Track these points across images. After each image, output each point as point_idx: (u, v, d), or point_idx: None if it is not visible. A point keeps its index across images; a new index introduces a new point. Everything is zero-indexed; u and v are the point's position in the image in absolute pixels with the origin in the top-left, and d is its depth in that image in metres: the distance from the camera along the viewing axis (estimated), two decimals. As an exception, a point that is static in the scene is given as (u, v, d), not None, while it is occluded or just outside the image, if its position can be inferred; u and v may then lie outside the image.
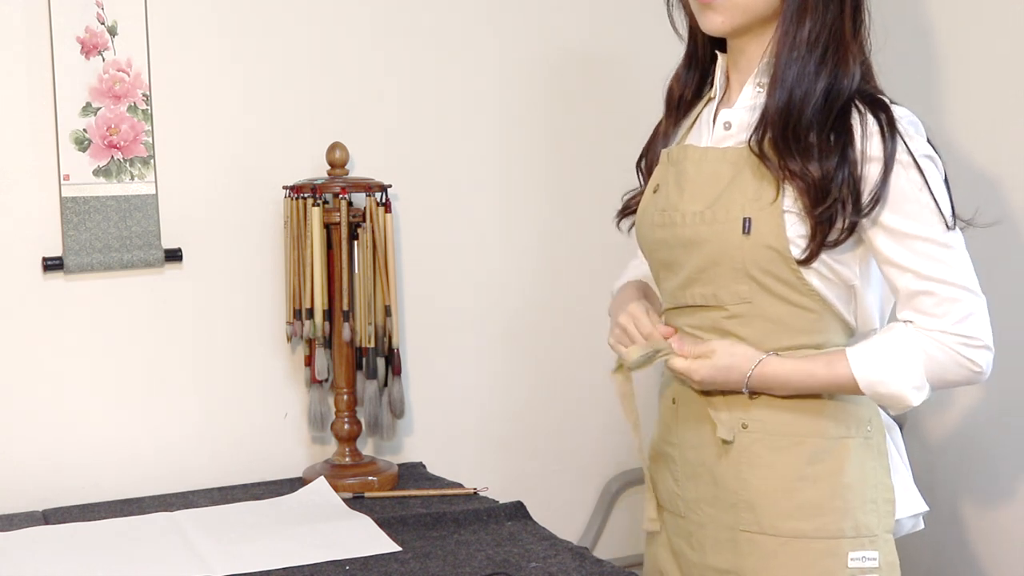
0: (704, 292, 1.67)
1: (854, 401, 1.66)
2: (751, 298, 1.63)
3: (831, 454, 1.64)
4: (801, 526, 1.63)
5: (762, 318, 1.64)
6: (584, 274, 2.42)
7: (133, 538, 1.82)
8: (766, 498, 1.65)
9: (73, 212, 2.05)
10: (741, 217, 1.61)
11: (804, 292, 1.62)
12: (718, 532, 1.70)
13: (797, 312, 1.63)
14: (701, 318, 1.69)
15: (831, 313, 1.64)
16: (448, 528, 1.86)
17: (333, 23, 2.22)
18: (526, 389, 2.42)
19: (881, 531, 1.65)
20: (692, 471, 1.73)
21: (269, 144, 2.18)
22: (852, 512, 1.63)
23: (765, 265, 1.61)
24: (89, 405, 2.09)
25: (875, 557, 1.64)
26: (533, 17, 2.37)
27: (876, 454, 1.67)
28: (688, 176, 1.69)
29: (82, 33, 2.03)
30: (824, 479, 1.64)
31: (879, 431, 1.68)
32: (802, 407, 1.65)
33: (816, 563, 1.63)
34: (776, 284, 1.62)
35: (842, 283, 1.63)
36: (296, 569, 1.68)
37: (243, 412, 2.19)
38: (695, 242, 1.66)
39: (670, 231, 1.69)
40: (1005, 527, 2.17)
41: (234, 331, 2.18)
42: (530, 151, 2.38)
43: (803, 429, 1.65)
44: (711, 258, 1.64)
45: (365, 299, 2.11)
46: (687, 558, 1.75)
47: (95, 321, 2.09)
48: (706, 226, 1.64)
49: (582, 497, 2.46)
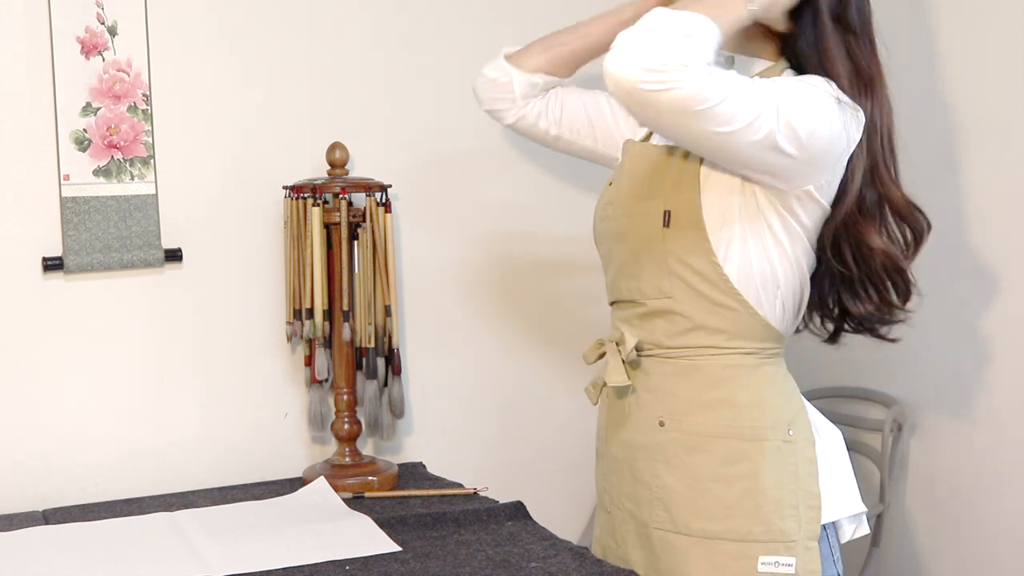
0: (630, 286, 1.69)
1: (773, 403, 1.65)
2: (672, 293, 1.64)
3: (747, 456, 1.63)
4: (711, 527, 1.63)
5: (682, 316, 1.65)
6: (584, 274, 2.42)
7: (133, 538, 1.82)
8: (680, 497, 1.65)
9: (73, 212, 2.05)
10: (662, 210, 1.62)
11: (724, 289, 1.62)
12: (637, 528, 1.72)
13: (717, 311, 1.63)
14: (629, 312, 1.71)
15: (751, 315, 1.64)
16: (448, 528, 1.86)
17: (333, 23, 2.22)
18: (526, 389, 2.42)
19: (802, 538, 1.63)
20: (616, 467, 1.75)
21: (269, 144, 2.18)
22: (766, 516, 1.62)
23: (684, 257, 1.62)
24: (89, 405, 2.09)
25: (791, 564, 1.62)
26: (534, 17, 2.36)
27: (800, 459, 1.65)
28: (625, 171, 1.73)
29: (82, 33, 2.03)
30: (738, 481, 1.63)
31: (804, 436, 1.66)
32: (718, 407, 1.65)
33: (726, 565, 1.63)
34: (696, 279, 1.62)
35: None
36: (296, 569, 1.68)
37: (243, 412, 2.19)
38: (622, 235, 1.69)
39: (607, 224, 1.74)
40: (1005, 526, 2.17)
41: (234, 331, 2.18)
42: (530, 151, 2.38)
43: (719, 430, 1.64)
44: (634, 251, 1.67)
45: (365, 299, 2.11)
46: (613, 552, 1.77)
47: (95, 321, 2.09)
48: (629, 219, 1.67)
49: (582, 497, 2.46)
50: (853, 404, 2.45)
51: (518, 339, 2.41)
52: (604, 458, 1.80)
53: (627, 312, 1.72)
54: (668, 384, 1.68)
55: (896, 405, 2.33)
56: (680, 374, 1.67)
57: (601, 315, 1.95)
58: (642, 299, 1.68)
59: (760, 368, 1.66)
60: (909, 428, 2.35)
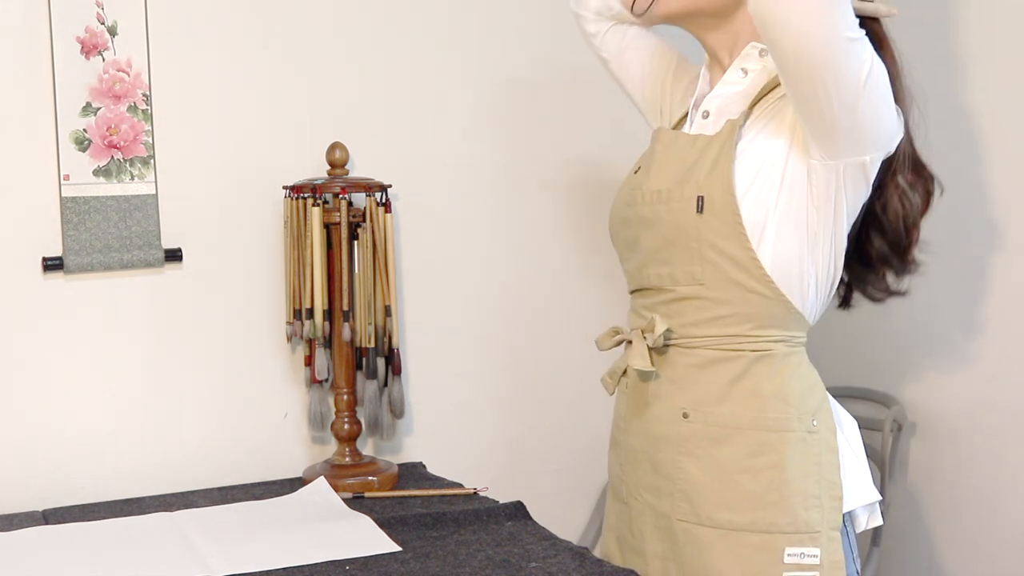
0: (660, 272, 1.68)
1: (798, 394, 1.65)
2: (704, 279, 1.64)
3: (772, 447, 1.63)
4: (736, 519, 1.63)
5: (713, 302, 1.64)
6: (585, 274, 2.42)
7: (133, 538, 1.82)
8: (704, 489, 1.65)
9: (73, 212, 2.05)
10: (696, 196, 1.62)
11: (757, 276, 1.61)
12: (656, 520, 1.71)
13: (748, 297, 1.62)
14: (655, 300, 1.70)
15: (782, 302, 1.63)
16: (448, 528, 1.86)
17: (333, 23, 2.22)
18: (526, 389, 2.42)
19: (826, 528, 1.62)
20: (634, 457, 1.74)
21: (269, 144, 2.18)
22: (791, 507, 1.61)
23: (717, 243, 1.61)
24: (89, 405, 2.09)
25: (816, 554, 1.61)
26: (535, 18, 2.37)
27: (823, 450, 1.64)
28: (656, 158, 1.71)
29: (82, 33, 2.03)
30: (763, 472, 1.62)
31: (827, 426, 1.66)
32: (744, 398, 1.64)
33: (751, 557, 1.62)
34: (729, 265, 1.62)
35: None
36: (296, 569, 1.67)
37: (243, 412, 2.19)
38: (652, 221, 1.67)
39: (633, 210, 1.72)
40: (1005, 526, 2.17)
41: (234, 331, 2.18)
42: (531, 151, 2.38)
43: (744, 421, 1.64)
44: (666, 238, 1.65)
45: (365, 299, 2.11)
46: (628, 544, 1.76)
47: (95, 321, 2.09)
48: (663, 205, 1.66)
49: (582, 497, 2.46)
50: (853, 404, 2.45)
51: (518, 339, 2.41)
52: (620, 447, 1.78)
53: (653, 299, 1.70)
54: (692, 374, 1.67)
55: (896, 405, 2.33)
56: (705, 364, 1.66)
57: (602, 314, 1.95)
58: (672, 286, 1.67)
59: (787, 357, 1.66)
60: (909, 428, 2.35)
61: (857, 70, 1.50)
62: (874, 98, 1.53)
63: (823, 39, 1.48)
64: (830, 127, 1.55)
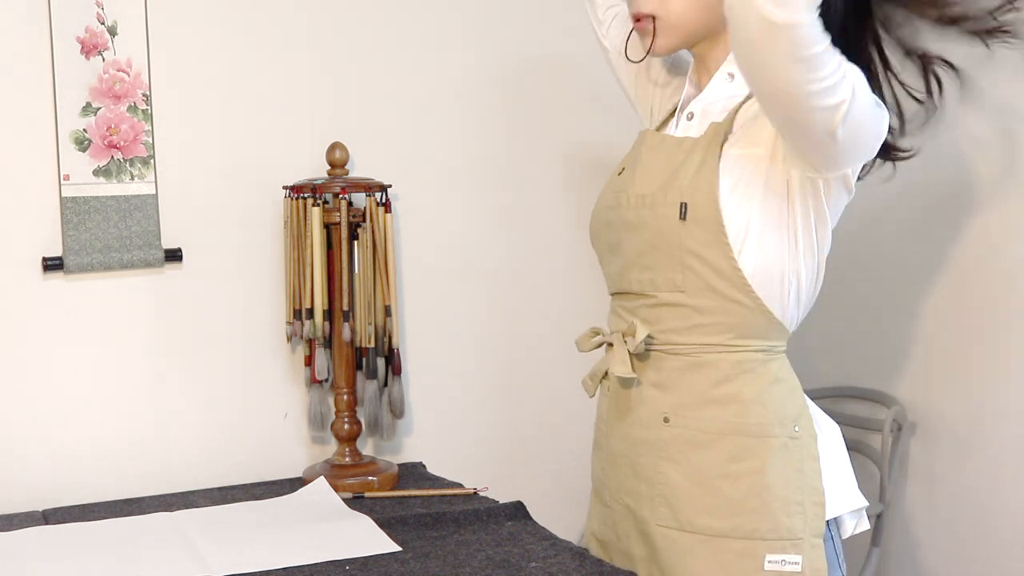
0: (641, 278, 1.68)
1: (777, 400, 1.64)
2: (685, 287, 1.63)
3: (753, 452, 1.62)
4: (716, 524, 1.62)
5: (694, 310, 1.63)
6: (585, 274, 2.42)
7: (133, 538, 1.82)
8: (684, 494, 1.64)
9: (73, 212, 2.05)
10: (679, 202, 1.61)
11: (738, 285, 1.61)
12: (636, 524, 1.71)
13: (729, 307, 1.62)
14: (636, 304, 1.70)
15: (763, 312, 1.63)
16: (448, 528, 1.86)
17: (333, 23, 2.22)
18: (526, 389, 2.42)
19: (808, 535, 1.62)
20: (615, 461, 1.74)
21: (269, 144, 2.18)
22: (772, 513, 1.61)
23: (699, 251, 1.61)
24: (89, 405, 2.09)
25: (797, 561, 1.61)
26: (535, 19, 2.37)
27: (806, 456, 1.64)
28: (642, 161, 1.71)
29: (82, 33, 2.03)
30: (744, 478, 1.62)
31: (808, 432, 1.65)
32: (725, 403, 1.64)
33: (732, 563, 1.62)
34: (710, 274, 1.61)
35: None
36: (296, 569, 1.68)
37: (243, 412, 2.19)
38: (636, 225, 1.67)
39: (616, 213, 1.71)
40: (1006, 526, 2.17)
41: (234, 331, 2.18)
42: (531, 151, 2.38)
43: (726, 426, 1.63)
44: (649, 242, 1.65)
45: (365, 299, 2.11)
46: (615, 547, 1.77)
47: (95, 321, 2.09)
48: (647, 210, 1.65)
49: (582, 497, 2.46)
50: (853, 404, 2.45)
51: (518, 339, 2.41)
52: (603, 450, 1.79)
53: (634, 303, 1.70)
54: (673, 379, 1.67)
55: (896, 405, 2.33)
56: (687, 369, 1.66)
57: (603, 314, 1.94)
58: (653, 291, 1.66)
59: (767, 364, 1.65)
60: (909, 428, 2.35)
61: (832, 114, 1.47)
62: (855, 125, 1.50)
63: (792, 97, 1.46)
64: (811, 154, 1.56)
